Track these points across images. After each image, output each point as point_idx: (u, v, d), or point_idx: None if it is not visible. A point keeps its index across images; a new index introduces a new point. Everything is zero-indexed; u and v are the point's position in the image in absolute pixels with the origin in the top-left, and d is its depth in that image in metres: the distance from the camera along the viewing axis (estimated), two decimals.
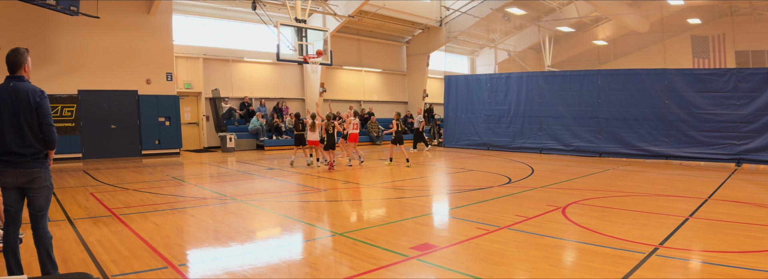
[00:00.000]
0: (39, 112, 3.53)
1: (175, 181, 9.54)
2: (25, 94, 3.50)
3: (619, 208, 6.63)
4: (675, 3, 22.05)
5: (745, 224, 5.60)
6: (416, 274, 4.00)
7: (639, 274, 3.83)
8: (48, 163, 3.65)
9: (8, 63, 3.58)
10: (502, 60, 29.17)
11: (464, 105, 18.28)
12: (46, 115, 3.56)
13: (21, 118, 3.49)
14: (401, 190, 8.44)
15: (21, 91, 3.50)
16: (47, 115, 3.57)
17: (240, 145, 17.57)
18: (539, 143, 15.85)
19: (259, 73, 19.69)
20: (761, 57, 24.85)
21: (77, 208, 6.76)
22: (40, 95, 3.56)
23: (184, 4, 16.98)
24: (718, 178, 9.70)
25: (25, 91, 3.51)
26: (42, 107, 3.55)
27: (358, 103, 23.29)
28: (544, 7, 25.83)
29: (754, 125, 11.75)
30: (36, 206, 3.56)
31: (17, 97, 3.49)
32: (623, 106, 13.94)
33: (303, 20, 14.38)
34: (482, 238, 5.02)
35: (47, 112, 3.58)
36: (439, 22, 23.59)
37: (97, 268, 4.07)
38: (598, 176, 10.15)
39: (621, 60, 28.07)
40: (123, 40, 14.61)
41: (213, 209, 6.70)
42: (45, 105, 3.57)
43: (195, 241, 5.07)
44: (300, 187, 9.05)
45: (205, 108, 17.92)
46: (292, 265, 4.21)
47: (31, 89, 3.55)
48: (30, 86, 3.56)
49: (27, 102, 3.49)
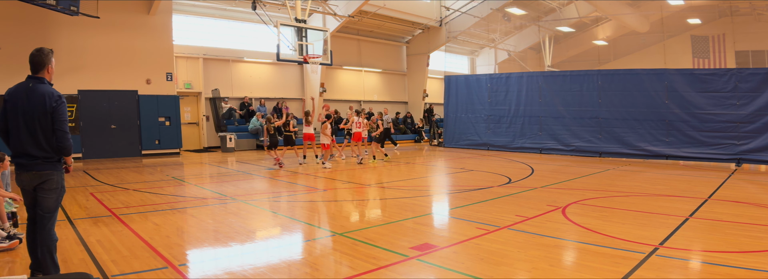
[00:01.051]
0: (54, 117, 3.45)
1: (175, 181, 9.54)
2: (41, 98, 3.43)
3: (619, 208, 6.63)
4: (675, 3, 22.05)
5: (745, 224, 5.60)
6: (416, 274, 3.99)
7: (639, 274, 3.82)
8: (61, 166, 3.60)
9: (31, 63, 3.52)
10: (502, 60, 29.17)
11: (464, 105, 18.28)
12: (61, 121, 3.47)
13: (36, 121, 3.43)
14: (401, 190, 8.44)
15: (38, 94, 3.44)
16: (62, 122, 3.48)
17: (240, 145, 17.57)
18: (539, 143, 15.85)
19: (259, 73, 19.69)
20: (761, 57, 24.85)
21: (77, 208, 6.76)
22: (58, 100, 3.46)
23: (184, 4, 16.98)
24: (718, 178, 9.70)
25: (42, 94, 3.44)
26: (57, 112, 3.45)
27: (359, 103, 23.29)
28: (544, 7, 25.83)
29: (754, 125, 11.75)
30: (43, 207, 3.54)
31: (34, 100, 3.43)
32: (623, 106, 13.93)
33: (303, 20, 14.38)
34: (482, 238, 5.02)
35: (63, 118, 3.48)
36: (439, 22, 23.59)
37: (97, 268, 4.06)
38: (598, 176, 10.15)
39: (621, 60, 28.09)
40: (123, 40, 14.61)
41: (213, 209, 6.70)
42: (61, 110, 3.47)
43: (195, 241, 5.07)
44: (300, 187, 9.05)
45: (205, 108, 17.92)
46: (292, 265, 4.21)
47: (49, 93, 3.47)
48: (48, 89, 3.49)
49: (43, 106, 3.43)
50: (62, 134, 3.48)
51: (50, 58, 3.56)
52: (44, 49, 3.54)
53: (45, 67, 3.54)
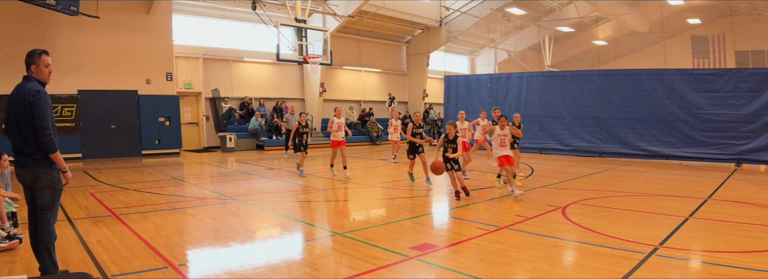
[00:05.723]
0: (33, 112, 3.42)
1: (175, 181, 9.54)
2: (23, 94, 3.48)
3: (619, 208, 6.63)
4: (675, 3, 22.05)
5: (745, 224, 5.60)
6: (416, 274, 3.99)
7: (639, 274, 3.83)
8: (51, 163, 3.57)
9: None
10: (502, 60, 29.17)
11: (464, 105, 18.23)
12: (39, 116, 3.41)
13: (19, 118, 3.47)
14: (401, 190, 8.44)
15: (22, 91, 3.51)
16: (40, 117, 3.41)
17: (240, 145, 17.56)
18: (539, 143, 15.85)
19: (259, 73, 19.69)
20: (761, 57, 24.85)
21: (77, 208, 6.76)
22: (36, 94, 3.44)
23: (184, 4, 16.98)
24: (718, 178, 9.70)
25: (25, 90, 3.50)
26: (35, 107, 3.42)
27: (358, 103, 23.29)
28: (544, 7, 25.83)
29: (754, 125, 11.75)
30: (39, 204, 3.58)
31: (19, 96, 3.50)
32: (623, 106, 13.93)
33: (303, 20, 14.38)
34: (482, 238, 5.02)
35: (41, 114, 3.42)
36: (439, 22, 23.59)
37: (97, 268, 4.06)
38: (598, 176, 10.15)
39: (621, 60, 28.09)
40: (123, 40, 14.61)
41: (213, 209, 6.70)
42: (39, 105, 3.42)
43: (195, 241, 5.07)
44: (300, 187, 9.05)
45: (205, 108, 17.92)
46: (292, 265, 4.21)
47: (29, 88, 3.48)
48: (30, 86, 3.52)
49: (23, 101, 3.46)
50: (41, 130, 3.43)
51: (33, 58, 3.58)
52: (35, 50, 3.61)
53: (29, 67, 3.60)
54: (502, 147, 7.90)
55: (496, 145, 7.93)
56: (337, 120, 10.34)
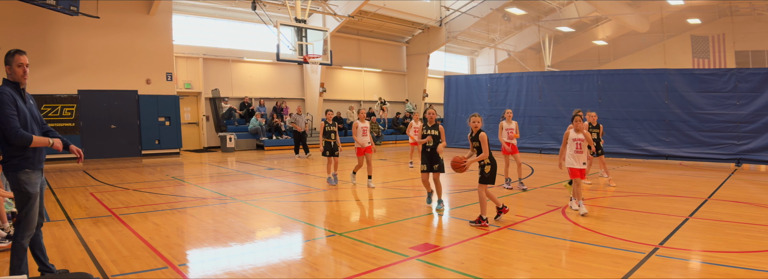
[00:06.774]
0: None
1: (175, 181, 9.54)
2: None
3: (619, 208, 6.63)
4: (675, 3, 22.05)
5: (745, 224, 5.60)
6: (416, 274, 3.99)
7: (639, 274, 3.83)
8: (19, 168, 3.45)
9: None
10: (502, 60, 29.17)
11: (464, 105, 18.27)
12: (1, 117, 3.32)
13: None
14: (401, 190, 8.44)
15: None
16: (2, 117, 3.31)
17: (240, 145, 17.56)
18: (539, 143, 15.85)
19: (259, 73, 19.69)
20: (761, 57, 24.84)
21: (77, 208, 6.76)
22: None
23: (184, 4, 16.98)
24: (718, 178, 9.70)
25: None
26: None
27: (358, 102, 23.29)
28: (544, 7, 25.83)
29: (754, 125, 11.75)
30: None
31: None
32: (623, 106, 13.93)
33: (303, 20, 14.38)
34: (482, 238, 5.02)
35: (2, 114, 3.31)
36: (439, 22, 23.59)
37: (97, 268, 4.06)
38: (598, 176, 10.15)
39: (621, 60, 28.08)
40: (123, 40, 14.61)
41: (213, 209, 6.70)
42: None
43: (195, 241, 5.07)
44: (300, 187, 9.05)
45: (205, 108, 17.92)
46: (292, 265, 4.21)
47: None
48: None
49: None
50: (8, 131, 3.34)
51: (7, 58, 3.49)
52: (10, 50, 3.52)
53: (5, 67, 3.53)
54: (578, 153, 6.40)
55: (570, 151, 6.49)
56: (362, 124, 8.69)
